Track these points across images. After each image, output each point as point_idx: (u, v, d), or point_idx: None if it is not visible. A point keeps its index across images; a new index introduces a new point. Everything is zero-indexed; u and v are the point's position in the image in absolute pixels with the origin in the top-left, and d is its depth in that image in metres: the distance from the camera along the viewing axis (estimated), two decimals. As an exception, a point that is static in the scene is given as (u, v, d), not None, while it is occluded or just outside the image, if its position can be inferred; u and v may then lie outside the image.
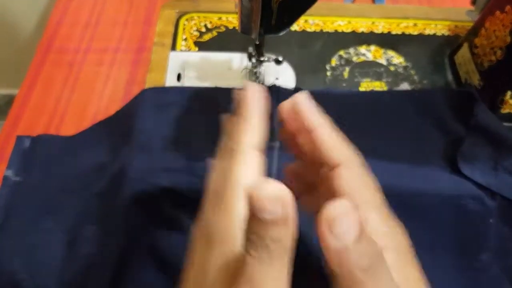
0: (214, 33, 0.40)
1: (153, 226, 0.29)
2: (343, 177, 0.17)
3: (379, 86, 0.38)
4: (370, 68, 0.38)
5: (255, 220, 0.13)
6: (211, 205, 0.16)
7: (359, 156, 0.17)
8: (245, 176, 0.16)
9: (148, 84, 0.36)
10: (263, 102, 0.18)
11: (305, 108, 0.18)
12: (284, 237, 0.14)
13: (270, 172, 0.29)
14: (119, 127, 0.33)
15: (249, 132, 0.17)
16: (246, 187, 0.14)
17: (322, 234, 0.13)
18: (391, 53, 0.40)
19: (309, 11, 0.27)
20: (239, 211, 0.15)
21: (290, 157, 0.29)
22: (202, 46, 0.39)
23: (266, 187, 0.13)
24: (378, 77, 0.38)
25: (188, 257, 0.16)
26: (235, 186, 0.16)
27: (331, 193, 0.17)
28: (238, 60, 0.38)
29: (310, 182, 0.20)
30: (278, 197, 0.13)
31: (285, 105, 0.19)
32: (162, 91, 0.34)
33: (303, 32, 0.41)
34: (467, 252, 0.29)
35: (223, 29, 0.41)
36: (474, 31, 0.36)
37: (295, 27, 0.41)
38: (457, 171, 0.29)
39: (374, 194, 0.17)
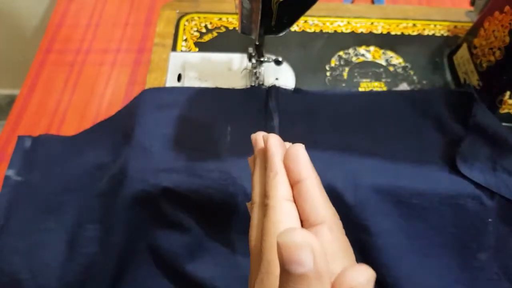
0: (215, 33, 0.40)
1: (153, 226, 0.29)
2: (325, 238, 0.16)
3: (378, 86, 0.38)
4: (369, 69, 0.39)
5: (285, 274, 0.12)
6: (256, 268, 0.16)
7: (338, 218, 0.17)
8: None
9: (149, 85, 0.36)
10: (284, 151, 0.18)
11: (298, 159, 0.17)
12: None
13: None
14: (119, 127, 0.33)
15: (281, 185, 0.17)
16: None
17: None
18: (390, 53, 0.40)
19: (308, 12, 0.27)
20: None
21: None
22: (202, 46, 0.39)
23: (293, 233, 0.12)
24: (377, 77, 0.38)
25: None
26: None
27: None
28: (238, 60, 0.38)
29: None
30: (306, 244, 0.12)
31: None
32: (162, 92, 0.34)
33: (303, 32, 0.41)
34: (466, 251, 0.29)
35: (223, 29, 0.41)
36: (473, 32, 0.36)
37: (295, 27, 0.41)
38: (456, 171, 0.29)
39: (346, 259, 0.16)
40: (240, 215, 0.28)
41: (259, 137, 0.20)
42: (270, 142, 0.18)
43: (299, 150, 0.17)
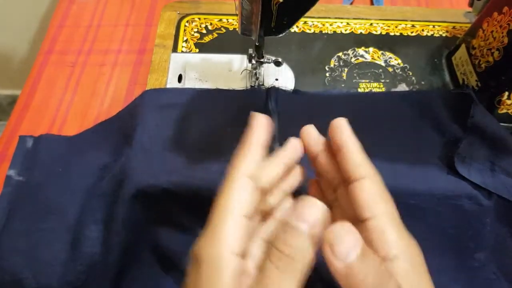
0: (215, 34, 0.41)
1: (155, 226, 0.29)
2: (366, 189, 0.18)
3: (377, 87, 0.38)
4: (368, 69, 0.39)
5: (292, 230, 0.15)
6: (205, 230, 0.17)
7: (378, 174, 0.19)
8: (237, 202, 0.17)
9: (150, 85, 0.37)
10: (267, 132, 0.20)
11: (342, 129, 0.20)
12: (310, 253, 0.15)
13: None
14: (120, 127, 0.33)
15: (247, 160, 0.18)
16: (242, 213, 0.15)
17: (326, 255, 0.14)
18: (389, 54, 0.40)
19: (308, 13, 0.27)
20: (228, 239, 0.16)
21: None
22: (202, 47, 0.40)
23: (312, 201, 0.15)
24: (376, 78, 0.38)
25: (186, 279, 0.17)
26: (226, 213, 0.17)
27: (349, 209, 0.18)
28: (238, 61, 0.39)
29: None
30: (320, 211, 0.15)
31: (311, 131, 0.21)
32: (163, 92, 0.34)
33: (303, 33, 0.41)
34: (464, 251, 0.29)
35: (223, 30, 0.41)
36: (472, 32, 0.36)
37: (294, 28, 0.41)
38: (454, 171, 0.29)
39: (392, 207, 0.18)
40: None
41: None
42: (254, 120, 0.20)
43: (341, 121, 0.20)
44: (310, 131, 0.21)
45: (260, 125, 0.19)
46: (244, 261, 0.17)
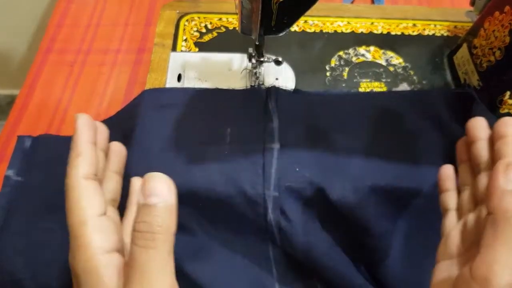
0: (215, 33, 0.40)
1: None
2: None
3: (378, 86, 0.38)
4: (369, 69, 0.39)
5: (145, 208, 0.16)
6: (71, 243, 0.17)
7: None
8: (86, 205, 0.18)
9: (149, 85, 0.36)
10: (91, 130, 0.20)
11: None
12: (169, 223, 0.16)
13: (269, 172, 0.29)
14: (120, 127, 0.33)
15: (79, 162, 0.19)
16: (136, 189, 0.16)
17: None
18: (390, 53, 0.40)
19: (308, 12, 0.27)
20: (94, 243, 0.17)
21: (289, 158, 0.29)
22: (202, 46, 0.39)
23: (154, 176, 0.16)
24: (377, 77, 0.38)
25: None
26: (81, 220, 0.17)
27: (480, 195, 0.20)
28: (238, 60, 0.38)
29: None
30: (165, 182, 0.16)
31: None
32: (162, 92, 0.34)
33: (303, 32, 0.41)
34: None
35: (223, 29, 0.41)
36: (473, 32, 0.36)
37: (294, 27, 0.41)
38: (456, 171, 0.29)
39: None
40: (240, 215, 0.28)
41: None
42: (77, 123, 0.20)
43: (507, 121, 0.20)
44: (480, 121, 0.23)
45: (83, 125, 0.20)
46: (121, 257, 0.17)
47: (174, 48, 0.39)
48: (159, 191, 0.16)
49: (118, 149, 0.24)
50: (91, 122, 0.20)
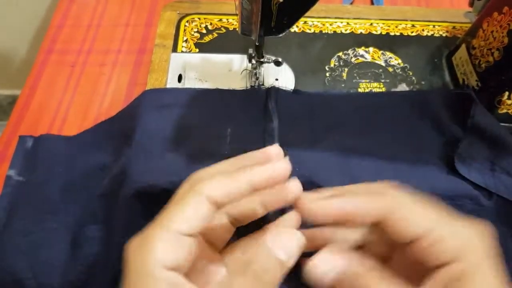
0: (215, 34, 0.41)
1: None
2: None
3: (377, 87, 0.38)
4: (368, 69, 0.39)
5: (261, 250, 0.17)
6: (140, 234, 0.17)
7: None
8: (180, 219, 0.16)
9: (150, 85, 0.37)
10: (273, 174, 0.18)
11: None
12: (277, 274, 0.16)
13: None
14: (120, 127, 0.33)
15: (214, 183, 0.17)
16: None
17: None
18: (389, 54, 0.40)
19: (308, 13, 0.27)
20: (157, 252, 0.16)
21: (289, 158, 0.29)
22: (202, 47, 0.40)
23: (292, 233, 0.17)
24: (376, 78, 0.38)
25: None
26: (162, 226, 0.16)
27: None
28: (239, 61, 0.39)
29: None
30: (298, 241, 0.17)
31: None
32: (163, 92, 0.34)
33: (303, 33, 0.41)
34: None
35: (223, 30, 0.41)
36: (472, 32, 0.36)
37: (294, 28, 0.41)
38: (454, 171, 0.29)
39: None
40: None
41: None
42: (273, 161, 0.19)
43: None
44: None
45: (276, 167, 0.18)
46: (179, 276, 0.16)
47: (174, 49, 0.39)
48: (290, 251, 0.17)
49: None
50: (287, 166, 0.19)
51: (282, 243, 0.17)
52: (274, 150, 0.19)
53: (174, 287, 0.15)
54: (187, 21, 0.42)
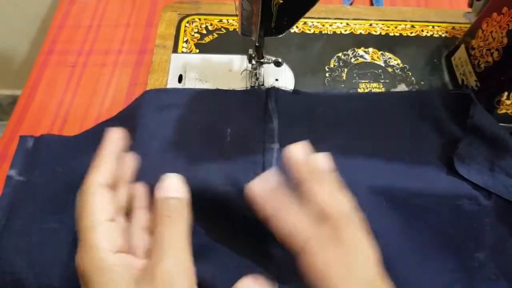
0: (215, 35, 0.41)
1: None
2: (310, 265, 0.20)
3: (377, 87, 0.38)
4: (368, 70, 0.39)
5: (164, 201, 0.20)
6: (80, 245, 0.19)
7: (333, 228, 0.20)
8: (97, 209, 0.20)
9: (150, 86, 0.37)
10: (118, 144, 0.23)
11: (255, 197, 0.23)
12: (184, 211, 0.20)
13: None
14: (121, 128, 0.33)
15: (99, 171, 0.21)
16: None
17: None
18: (388, 54, 0.40)
19: (308, 14, 0.27)
20: (103, 243, 0.19)
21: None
22: (203, 48, 0.40)
23: (171, 175, 0.21)
24: (376, 78, 0.38)
25: None
26: (92, 222, 0.19)
27: None
28: (239, 61, 0.39)
29: None
30: (180, 180, 0.21)
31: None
32: (163, 93, 0.34)
33: (302, 34, 0.41)
34: (464, 251, 0.29)
35: (223, 31, 0.41)
36: (471, 33, 0.36)
37: (294, 29, 0.42)
38: (453, 171, 0.29)
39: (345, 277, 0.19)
40: (241, 215, 0.28)
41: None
42: (110, 136, 0.23)
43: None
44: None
45: (112, 139, 0.23)
46: (128, 256, 0.19)
47: (175, 49, 0.39)
48: (175, 187, 0.21)
49: (131, 160, 0.26)
50: (121, 134, 0.23)
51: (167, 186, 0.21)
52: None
53: (129, 267, 0.18)
54: (188, 22, 0.42)
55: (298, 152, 0.23)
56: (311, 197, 0.21)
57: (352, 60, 0.40)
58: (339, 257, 0.19)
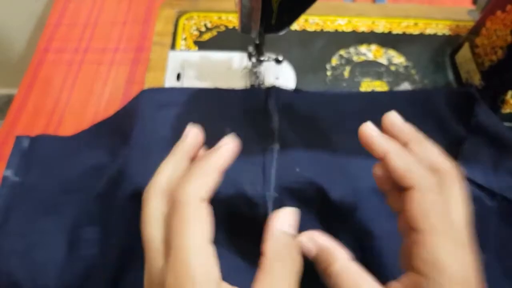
0: (214, 32, 0.40)
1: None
2: (413, 201, 0.18)
3: (379, 85, 0.37)
4: (370, 68, 0.38)
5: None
6: (173, 270, 0.16)
7: (441, 180, 0.19)
8: (196, 233, 0.16)
9: (148, 84, 0.36)
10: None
11: (372, 136, 0.21)
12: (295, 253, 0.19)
13: (269, 173, 0.28)
14: (118, 127, 0.33)
15: (198, 182, 0.17)
16: None
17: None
18: (391, 52, 0.40)
19: (309, 10, 0.27)
20: (195, 267, 0.16)
21: (289, 158, 0.29)
22: (201, 45, 0.39)
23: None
24: (378, 76, 0.38)
25: None
26: (188, 245, 0.16)
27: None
28: (238, 59, 0.38)
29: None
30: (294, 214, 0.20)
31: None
32: (161, 91, 0.34)
33: (303, 31, 0.41)
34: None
35: (223, 28, 0.40)
36: (475, 31, 0.36)
37: (295, 26, 0.41)
38: None
39: (445, 221, 0.17)
40: (240, 216, 0.28)
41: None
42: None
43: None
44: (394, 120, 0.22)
45: (225, 151, 0.20)
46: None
47: (173, 47, 0.39)
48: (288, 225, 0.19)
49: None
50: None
51: (282, 218, 0.19)
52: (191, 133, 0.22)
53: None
54: (186, 19, 0.41)
55: (399, 117, 0.23)
56: (420, 153, 0.20)
57: (355, 58, 0.39)
58: (443, 205, 0.18)
